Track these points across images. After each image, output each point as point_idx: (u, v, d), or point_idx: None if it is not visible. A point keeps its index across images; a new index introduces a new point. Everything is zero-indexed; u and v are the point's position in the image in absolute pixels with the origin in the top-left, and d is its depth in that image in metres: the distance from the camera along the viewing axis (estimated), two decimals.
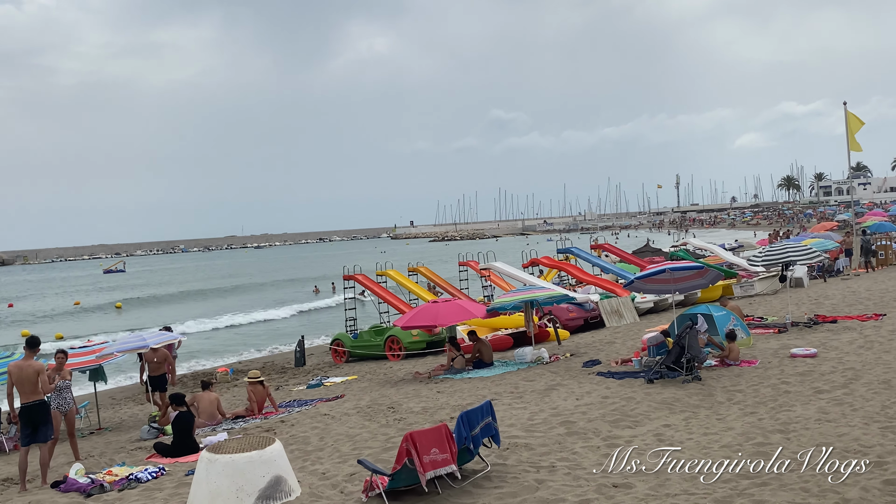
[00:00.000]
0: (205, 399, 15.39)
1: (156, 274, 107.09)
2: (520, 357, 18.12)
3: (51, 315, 56.55)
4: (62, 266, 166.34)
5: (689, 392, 12.90)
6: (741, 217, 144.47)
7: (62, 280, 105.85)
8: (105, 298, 68.54)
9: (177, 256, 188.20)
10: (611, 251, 31.47)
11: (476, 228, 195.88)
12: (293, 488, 9.00)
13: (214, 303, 57.57)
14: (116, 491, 10.30)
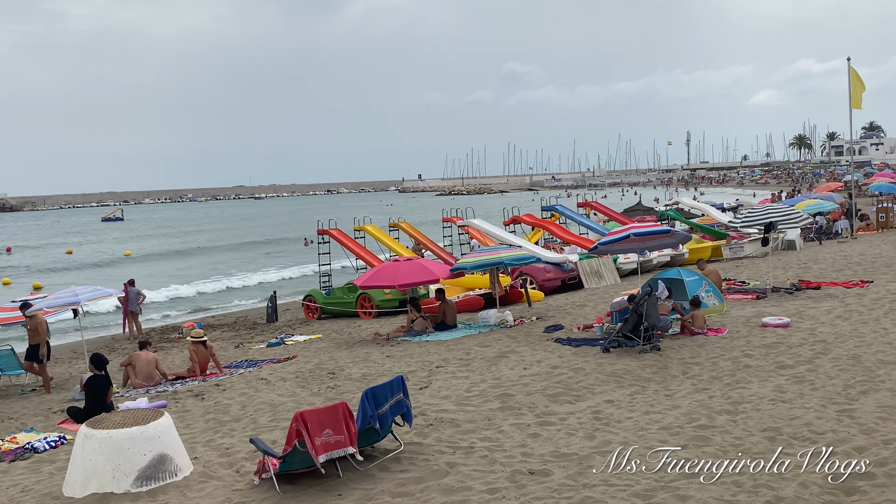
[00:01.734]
0: (142, 359, 14.63)
1: (153, 224, 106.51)
2: (483, 320, 17.29)
3: (43, 262, 55.96)
4: (68, 212, 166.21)
5: (643, 363, 12.03)
6: (750, 176, 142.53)
7: (59, 226, 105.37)
8: (96, 247, 68.04)
9: (184, 205, 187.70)
10: (598, 209, 30.42)
11: (483, 183, 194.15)
12: (180, 467, 8.21)
13: (208, 257, 56.79)
14: (7, 462, 9.56)
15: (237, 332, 23.15)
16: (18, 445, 9.98)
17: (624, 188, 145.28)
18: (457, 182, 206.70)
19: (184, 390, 13.40)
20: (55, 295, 16.11)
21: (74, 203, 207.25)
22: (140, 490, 7.83)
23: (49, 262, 56.42)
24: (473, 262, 17.34)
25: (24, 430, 11.19)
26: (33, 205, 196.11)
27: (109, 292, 15.62)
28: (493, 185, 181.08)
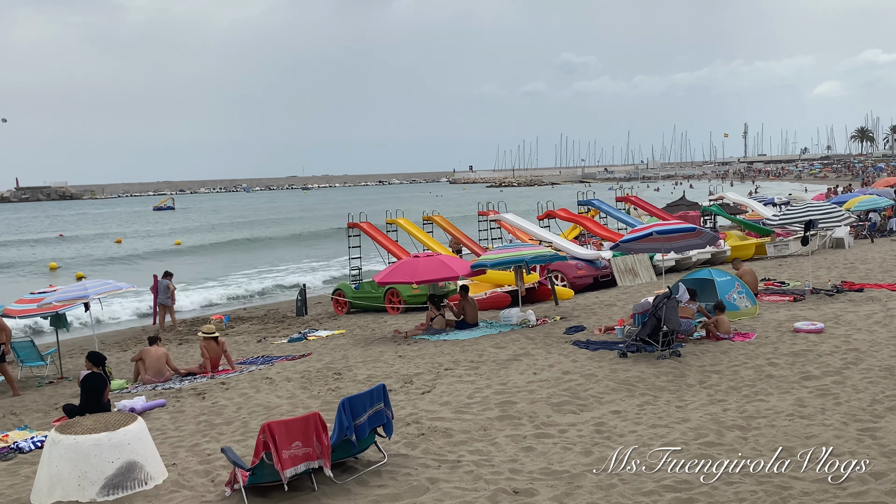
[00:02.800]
0: (152, 354, 14.43)
1: (203, 213, 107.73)
2: (505, 318, 16.74)
3: (91, 250, 56.80)
4: (125, 201, 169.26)
5: (659, 371, 11.38)
6: (809, 169, 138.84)
7: (113, 215, 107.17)
8: (143, 238, 68.94)
9: (237, 195, 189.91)
10: (638, 204, 29.53)
11: (534, 175, 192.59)
12: (151, 475, 7.87)
13: (255, 248, 57.06)
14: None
15: (265, 325, 22.96)
16: (5, 445, 9.77)
17: (678, 181, 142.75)
18: (507, 174, 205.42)
19: (189, 388, 13.14)
20: (65, 289, 16.01)
21: (132, 192, 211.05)
22: (106, 499, 7.51)
23: (99, 250, 57.28)
24: (494, 259, 16.78)
25: (19, 427, 11.01)
26: (92, 193, 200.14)
27: (119, 286, 15.45)
28: (545, 177, 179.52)
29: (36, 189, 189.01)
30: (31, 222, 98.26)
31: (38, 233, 77.55)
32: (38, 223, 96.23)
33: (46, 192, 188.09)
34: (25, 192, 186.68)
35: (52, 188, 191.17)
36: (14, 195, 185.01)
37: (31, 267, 46.98)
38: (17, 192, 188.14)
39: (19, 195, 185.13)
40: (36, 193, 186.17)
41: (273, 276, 38.32)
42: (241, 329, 22.38)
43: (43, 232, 78.73)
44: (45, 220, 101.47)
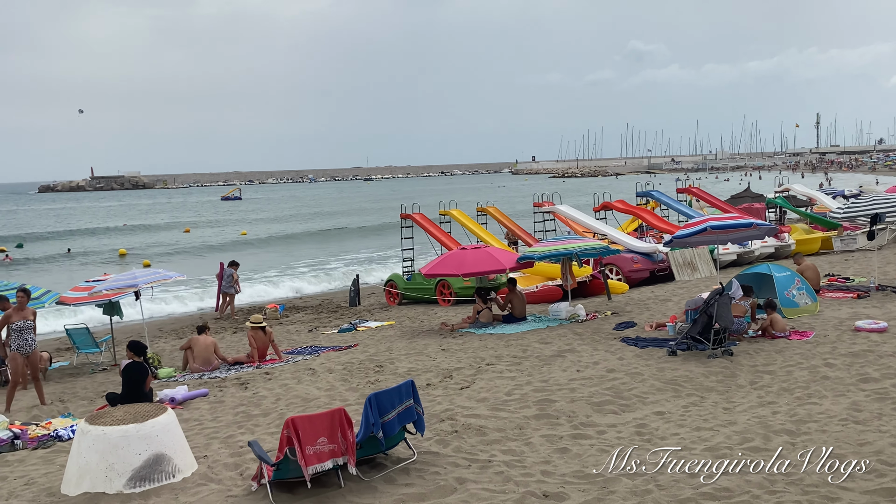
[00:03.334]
0: (200, 343, 14.52)
1: (269, 203, 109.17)
2: (554, 313, 16.39)
3: (154, 237, 58.00)
4: (196, 190, 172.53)
5: (709, 370, 10.96)
6: (884, 160, 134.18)
7: (183, 205, 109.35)
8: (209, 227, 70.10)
9: (304, 186, 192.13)
10: (699, 196, 28.73)
11: (599, 165, 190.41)
12: (179, 468, 7.81)
13: (319, 238, 57.56)
14: (29, 449, 9.46)
15: (318, 314, 23.02)
16: (46, 432, 9.87)
17: (747, 172, 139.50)
18: (571, 164, 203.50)
19: (234, 377, 13.17)
20: (115, 277, 16.21)
21: (202, 182, 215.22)
22: (133, 491, 7.47)
23: (168, 238, 58.47)
24: (542, 251, 16.44)
25: (63, 414, 11.14)
26: (164, 183, 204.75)
27: (168, 275, 15.57)
28: (609, 168, 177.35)
29: (110, 178, 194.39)
30: (104, 211, 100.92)
31: (109, 220, 79.62)
32: (113, 212, 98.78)
33: (120, 181, 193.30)
34: (100, 182, 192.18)
35: (125, 177, 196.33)
36: (89, 184, 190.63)
37: (104, 254, 48.07)
38: (92, 181, 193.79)
39: (94, 184, 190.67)
40: (110, 182, 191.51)
41: (331, 265, 38.56)
42: (295, 318, 22.48)
43: (114, 219, 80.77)
44: (119, 209, 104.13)
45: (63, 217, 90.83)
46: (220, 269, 23.82)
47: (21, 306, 12.02)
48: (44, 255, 47.93)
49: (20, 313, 11.98)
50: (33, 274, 38.90)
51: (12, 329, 11.94)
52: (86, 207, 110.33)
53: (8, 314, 12.09)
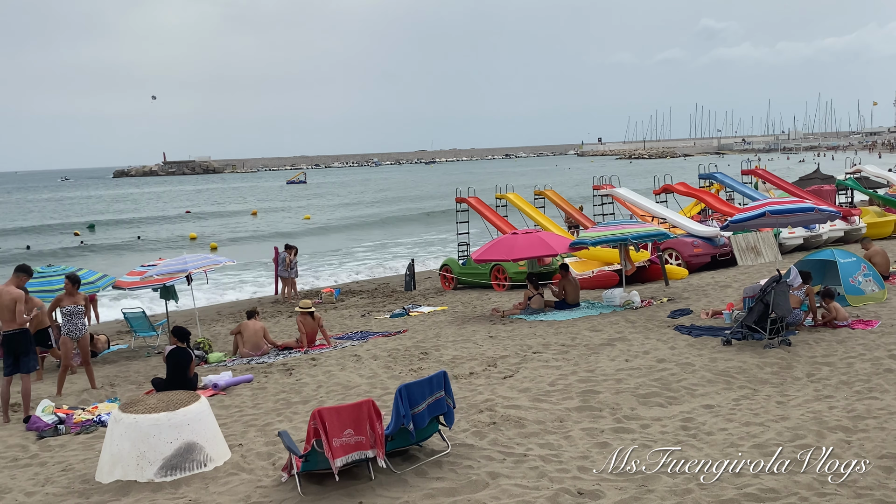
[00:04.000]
0: (250, 328, 14.55)
1: (333, 187, 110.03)
2: (608, 299, 15.99)
3: (223, 219, 58.86)
4: (265, 175, 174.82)
5: (764, 361, 10.48)
6: None
7: (250, 189, 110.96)
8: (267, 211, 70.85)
9: (368, 169, 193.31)
10: (765, 178, 27.71)
11: (666, 146, 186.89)
12: (211, 457, 7.76)
13: (380, 222, 57.75)
14: (72, 434, 9.55)
15: (373, 299, 22.99)
16: (90, 417, 9.96)
17: (821, 152, 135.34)
18: (638, 146, 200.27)
19: (280, 363, 13.16)
20: (167, 262, 16.36)
21: (270, 166, 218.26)
22: (164, 480, 7.45)
23: (234, 223, 59.37)
24: (595, 236, 16.03)
25: (109, 399, 11.25)
26: (233, 167, 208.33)
27: (219, 260, 15.64)
28: (677, 149, 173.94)
29: (181, 163, 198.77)
30: (174, 196, 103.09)
31: (179, 205, 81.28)
32: (184, 196, 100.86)
33: (191, 166, 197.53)
34: (171, 166, 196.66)
35: (196, 162, 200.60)
36: (161, 169, 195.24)
37: (173, 240, 48.96)
38: (164, 166, 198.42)
39: (166, 169, 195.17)
40: (181, 167, 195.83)
41: (391, 250, 38.61)
42: (350, 303, 22.48)
43: (183, 204, 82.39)
44: (189, 194, 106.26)
45: (136, 201, 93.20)
46: (275, 253, 24.03)
47: (70, 292, 12.16)
48: (118, 240, 48.92)
49: (71, 298, 12.13)
50: (103, 258, 39.89)
51: (63, 313, 12.11)
52: (159, 192, 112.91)
53: (59, 298, 12.27)
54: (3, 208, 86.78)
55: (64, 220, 66.11)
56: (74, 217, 68.68)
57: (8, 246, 47.37)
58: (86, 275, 15.69)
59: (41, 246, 46.50)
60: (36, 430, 9.63)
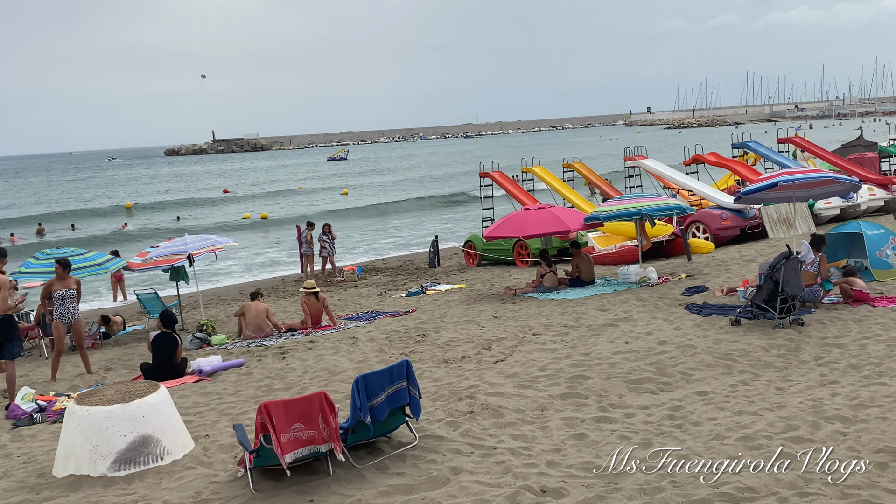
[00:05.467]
0: (252, 309, 14.31)
1: (374, 163, 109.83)
2: (624, 276, 15.39)
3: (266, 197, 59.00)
4: (311, 152, 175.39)
5: (772, 342, 9.86)
6: None
7: (294, 166, 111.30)
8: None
9: (413, 144, 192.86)
10: (803, 146, 26.51)
11: (717, 115, 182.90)
12: (168, 450, 7.46)
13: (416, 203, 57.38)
14: (48, 423, 9.36)
15: (396, 276, 22.69)
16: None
17: (877, 117, 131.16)
18: (687, 114, 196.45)
19: (278, 346, 12.87)
20: (167, 244, 16.18)
21: (317, 143, 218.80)
22: (117, 474, 7.17)
23: (280, 200, 59.51)
24: (608, 211, 15.40)
25: (95, 384, 11.07)
26: (281, 144, 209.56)
27: (220, 241, 15.41)
28: (728, 117, 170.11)
29: (230, 141, 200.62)
30: (218, 174, 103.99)
31: (223, 183, 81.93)
32: (230, 175, 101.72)
33: (239, 143, 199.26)
34: (220, 145, 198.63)
35: (244, 140, 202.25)
36: (210, 147, 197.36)
37: (217, 218, 49.17)
38: (213, 144, 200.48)
39: (215, 147, 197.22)
40: (230, 145, 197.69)
41: (425, 226, 38.23)
42: (371, 281, 22.21)
43: (230, 184, 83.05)
44: (233, 172, 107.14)
45: (185, 179, 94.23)
46: (298, 231, 23.92)
47: (61, 276, 11.99)
48: (159, 224, 49.05)
49: (62, 282, 11.96)
50: (142, 241, 40.09)
51: (55, 298, 11.95)
52: (197, 171, 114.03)
53: (50, 283, 12.11)
54: (52, 189, 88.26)
55: (108, 202, 66.45)
56: (118, 199, 68.84)
57: (53, 226, 48.05)
58: (94, 256, 15.58)
59: (86, 229, 46.80)
60: (13, 419, 9.48)
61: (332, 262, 24.00)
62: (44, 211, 58.17)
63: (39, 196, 79.46)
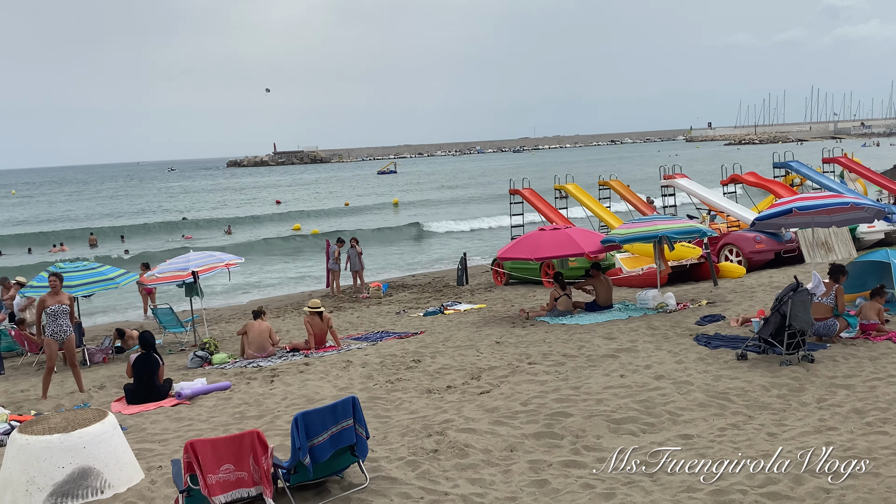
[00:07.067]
0: (255, 328, 14.04)
1: (423, 176, 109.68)
2: (642, 301, 14.73)
3: (318, 212, 59.08)
4: (369, 164, 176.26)
5: (774, 381, 9.17)
6: None
7: (339, 179, 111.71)
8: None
9: (469, 157, 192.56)
10: (849, 167, 25.38)
11: (780, 131, 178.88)
12: (110, 483, 7.14)
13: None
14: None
15: (421, 294, 22.30)
16: None
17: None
18: (749, 130, 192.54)
19: (271, 367, 12.56)
20: (171, 261, 16.03)
21: (375, 156, 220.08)
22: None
23: (327, 211, 59.63)
24: (625, 233, 14.77)
25: (77, 405, 10.87)
26: (340, 157, 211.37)
27: (223, 259, 15.21)
28: (791, 133, 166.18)
29: (290, 153, 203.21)
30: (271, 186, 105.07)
31: (278, 195, 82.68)
32: (281, 187, 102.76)
33: (299, 156, 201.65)
34: (281, 157, 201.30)
35: (304, 152, 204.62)
36: (272, 159, 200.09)
37: (268, 229, 49.40)
38: (274, 156, 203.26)
39: (276, 159, 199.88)
40: (290, 157, 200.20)
41: (462, 242, 37.80)
42: (396, 298, 21.84)
43: (280, 195, 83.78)
44: (291, 186, 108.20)
45: (245, 191, 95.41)
46: (327, 246, 23.73)
47: (55, 291, 11.87)
48: (209, 237, 49.18)
49: (55, 298, 11.83)
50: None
51: (47, 314, 11.81)
52: (263, 182, 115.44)
53: (43, 299, 11.98)
54: (114, 202, 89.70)
55: (164, 217, 65.27)
56: (174, 212, 68.77)
57: (108, 245, 47.05)
58: (106, 271, 15.51)
59: (137, 242, 46.10)
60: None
61: (360, 277, 23.75)
62: (95, 224, 58.22)
63: (103, 205, 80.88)
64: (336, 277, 23.68)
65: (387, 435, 8.31)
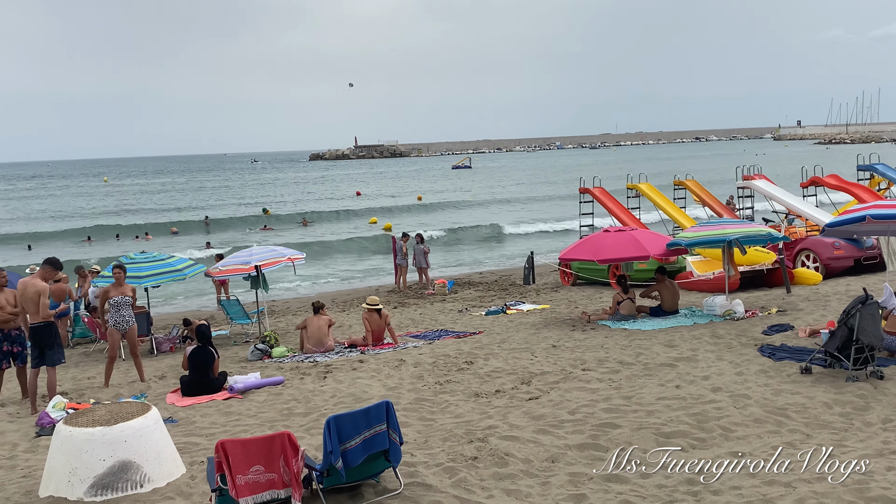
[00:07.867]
0: (314, 323, 14.11)
1: (498, 171, 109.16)
2: (709, 308, 14.27)
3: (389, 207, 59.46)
4: (448, 159, 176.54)
5: (838, 398, 8.71)
6: None
7: (416, 173, 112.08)
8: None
9: (548, 153, 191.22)
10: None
11: (873, 131, 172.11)
12: (150, 477, 7.20)
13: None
14: None
15: (487, 292, 22.14)
16: None
17: None
18: (840, 129, 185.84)
19: (326, 363, 12.59)
20: (234, 255, 16.22)
21: (453, 150, 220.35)
22: (93, 500, 6.98)
23: (400, 204, 59.98)
24: (692, 237, 14.30)
25: (135, 395, 11.08)
26: (419, 151, 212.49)
27: (284, 253, 15.33)
28: (885, 133, 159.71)
29: (371, 147, 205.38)
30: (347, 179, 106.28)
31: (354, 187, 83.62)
32: (356, 179, 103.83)
33: (379, 150, 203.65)
34: (362, 150, 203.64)
35: (384, 146, 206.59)
36: (353, 153, 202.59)
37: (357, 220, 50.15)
38: (355, 149, 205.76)
39: (357, 153, 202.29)
40: (370, 151, 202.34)
41: (533, 241, 37.46)
42: (461, 295, 21.73)
43: (356, 186, 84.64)
44: (367, 177, 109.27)
45: (327, 182, 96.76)
46: (393, 242, 23.79)
47: (119, 282, 12.14)
48: (287, 226, 49.91)
49: (118, 289, 12.10)
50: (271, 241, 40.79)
51: (110, 304, 12.10)
52: (344, 174, 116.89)
53: (106, 289, 12.28)
54: (202, 193, 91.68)
55: (243, 211, 65.67)
56: (256, 204, 69.71)
57: (188, 233, 47.81)
58: (174, 262, 15.82)
59: (219, 234, 46.82)
60: (40, 426, 9.55)
61: (425, 274, 23.72)
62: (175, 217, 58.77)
63: (189, 197, 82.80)
64: (403, 273, 23.72)
65: (428, 439, 8.20)
